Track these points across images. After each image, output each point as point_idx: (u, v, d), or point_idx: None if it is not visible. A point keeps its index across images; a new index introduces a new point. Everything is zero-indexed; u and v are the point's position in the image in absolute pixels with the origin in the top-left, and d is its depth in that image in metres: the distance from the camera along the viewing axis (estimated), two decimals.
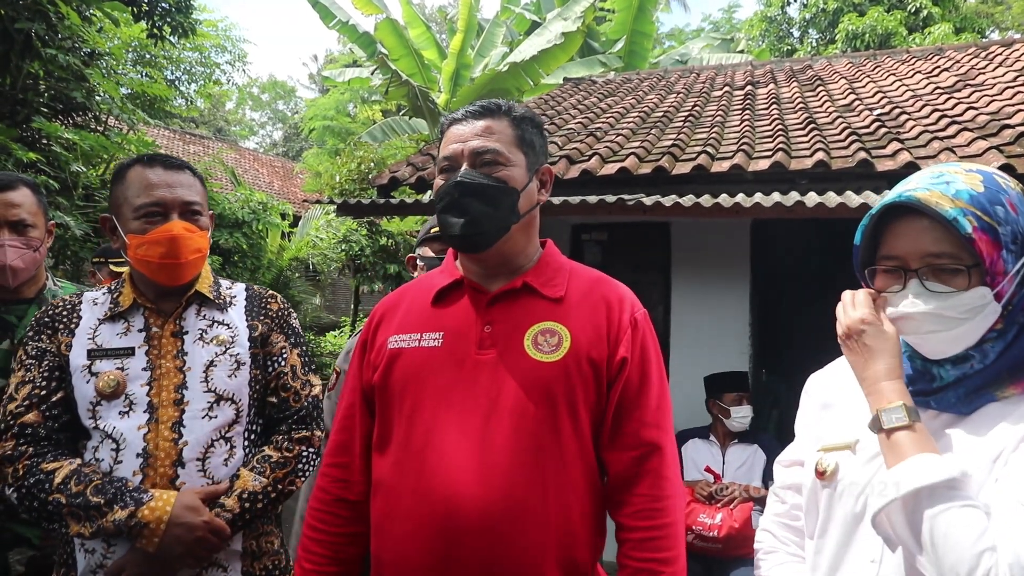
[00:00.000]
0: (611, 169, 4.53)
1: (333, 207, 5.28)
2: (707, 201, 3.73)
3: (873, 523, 0.97)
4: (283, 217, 9.00)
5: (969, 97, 5.18)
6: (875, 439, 1.03)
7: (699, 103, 6.40)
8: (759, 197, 3.75)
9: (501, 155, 1.30)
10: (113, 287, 1.67)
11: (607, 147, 4.95)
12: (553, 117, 6.39)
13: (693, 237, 4.54)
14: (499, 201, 1.28)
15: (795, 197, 3.68)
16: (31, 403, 1.49)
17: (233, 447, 1.56)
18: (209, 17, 9.90)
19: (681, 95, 6.98)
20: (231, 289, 1.73)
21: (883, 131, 4.56)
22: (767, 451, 3.42)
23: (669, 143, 4.89)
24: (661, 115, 5.99)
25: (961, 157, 3.95)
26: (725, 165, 4.33)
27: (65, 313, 1.60)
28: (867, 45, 13.60)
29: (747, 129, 5.10)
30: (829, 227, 3.82)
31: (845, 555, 1.07)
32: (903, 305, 1.04)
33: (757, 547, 1.32)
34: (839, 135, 4.67)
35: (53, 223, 2.15)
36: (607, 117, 6.11)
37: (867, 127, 4.76)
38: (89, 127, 6.41)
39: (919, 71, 6.55)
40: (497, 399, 1.23)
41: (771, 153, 4.41)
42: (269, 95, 33.63)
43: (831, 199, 3.57)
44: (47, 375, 1.52)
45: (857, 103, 5.52)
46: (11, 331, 1.98)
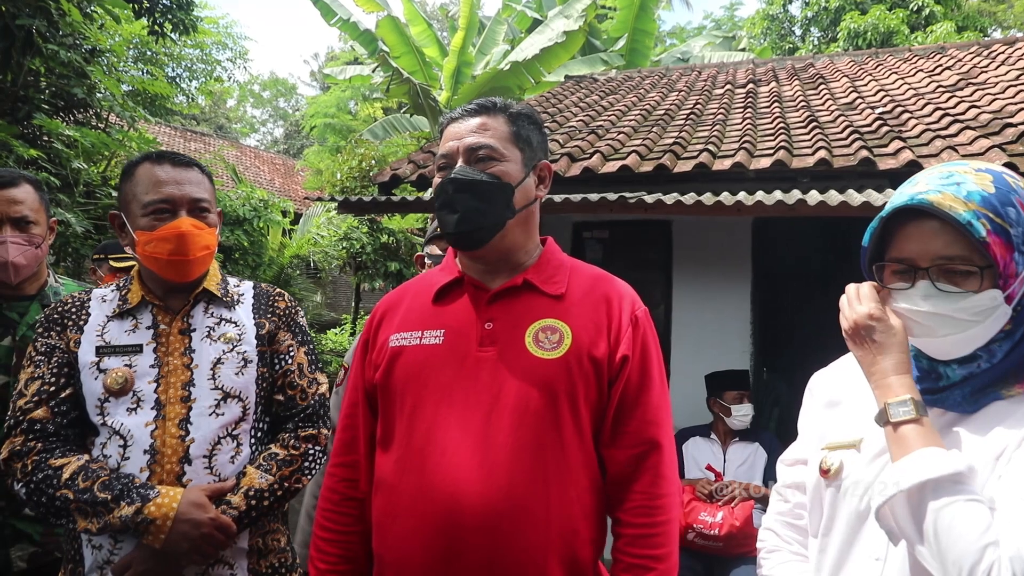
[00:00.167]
0: (613, 167, 4.53)
1: (334, 204, 5.28)
2: (709, 199, 3.72)
3: (877, 516, 0.97)
4: (284, 214, 9.00)
5: (972, 95, 5.17)
6: (880, 437, 1.03)
7: (701, 101, 6.39)
8: (761, 195, 3.74)
9: (495, 151, 1.30)
10: (122, 284, 1.67)
11: (608, 145, 4.94)
12: (555, 115, 6.39)
13: (694, 235, 4.53)
14: (493, 197, 1.28)
15: (797, 195, 3.68)
16: (40, 399, 1.50)
17: (240, 445, 1.56)
18: (210, 14, 9.89)
19: (683, 93, 6.97)
20: (239, 287, 1.73)
21: (885, 129, 4.55)
22: (768, 449, 3.42)
23: (671, 141, 4.89)
24: (663, 113, 5.98)
25: (963, 155, 3.94)
26: (727, 163, 4.32)
27: (74, 310, 1.61)
28: (869, 43, 13.58)
29: (749, 127, 5.10)
30: (831, 226, 3.82)
31: (849, 553, 1.07)
32: (912, 304, 1.03)
33: (760, 545, 1.31)
34: (841, 133, 4.66)
35: (55, 220, 2.15)
36: (608, 115, 6.10)
37: (869, 125, 4.75)
38: (90, 124, 6.41)
39: (921, 69, 6.54)
40: (498, 396, 1.24)
41: (773, 151, 4.40)
42: (270, 92, 33.62)
43: (833, 197, 3.56)
44: (56, 371, 1.53)
45: (859, 101, 5.51)
46: (12, 328, 1.98)
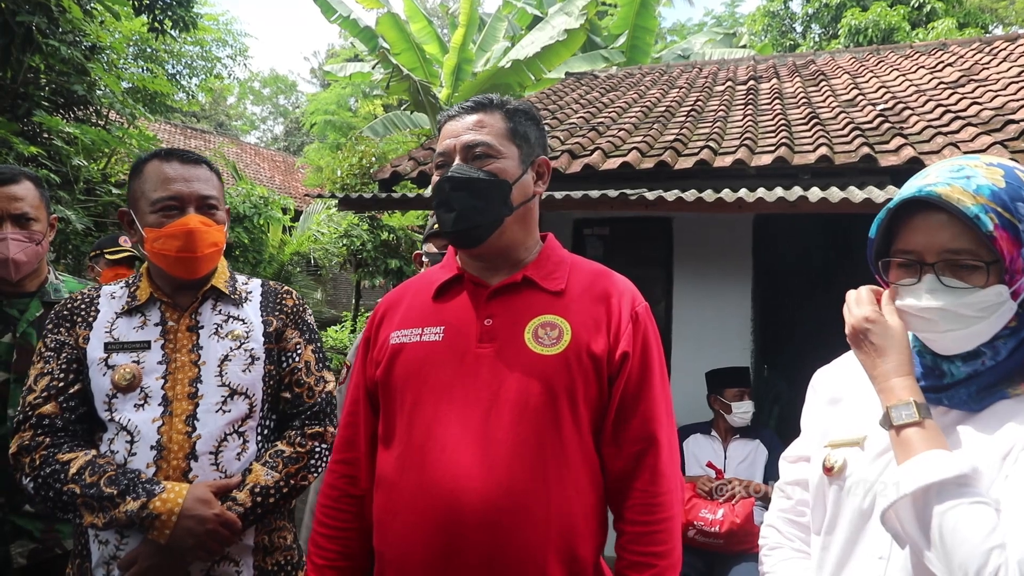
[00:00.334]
0: (613, 164, 4.52)
1: (334, 202, 5.28)
2: (710, 196, 3.72)
3: (882, 519, 0.96)
4: (284, 212, 9.00)
5: (973, 92, 5.16)
6: (884, 435, 1.02)
7: (701, 98, 6.38)
8: (762, 192, 3.73)
9: (492, 148, 1.30)
10: (131, 281, 1.68)
11: (609, 142, 4.93)
12: (555, 112, 6.38)
13: (695, 232, 4.53)
14: (490, 194, 1.28)
15: (798, 192, 3.67)
16: (49, 394, 1.52)
17: (246, 441, 1.57)
18: (210, 11, 9.85)
19: (683, 90, 6.96)
20: (247, 284, 1.74)
21: (886, 126, 4.54)
22: (768, 446, 3.42)
23: (671, 138, 4.88)
24: (663, 110, 5.97)
25: (965, 152, 3.94)
26: (728, 160, 4.32)
27: (83, 307, 1.62)
28: (870, 40, 13.56)
29: (750, 124, 5.09)
30: (831, 223, 3.82)
31: (853, 551, 1.07)
32: (917, 299, 1.02)
33: (762, 543, 1.31)
34: (842, 130, 4.66)
35: (55, 217, 2.15)
36: (609, 112, 6.09)
37: (870, 122, 4.74)
38: (90, 121, 6.41)
39: (922, 66, 6.52)
40: (498, 393, 1.23)
41: (774, 148, 4.40)
42: (270, 90, 33.60)
43: (834, 194, 3.56)
44: (65, 367, 1.54)
45: (860, 98, 5.50)
46: (13, 324, 1.98)
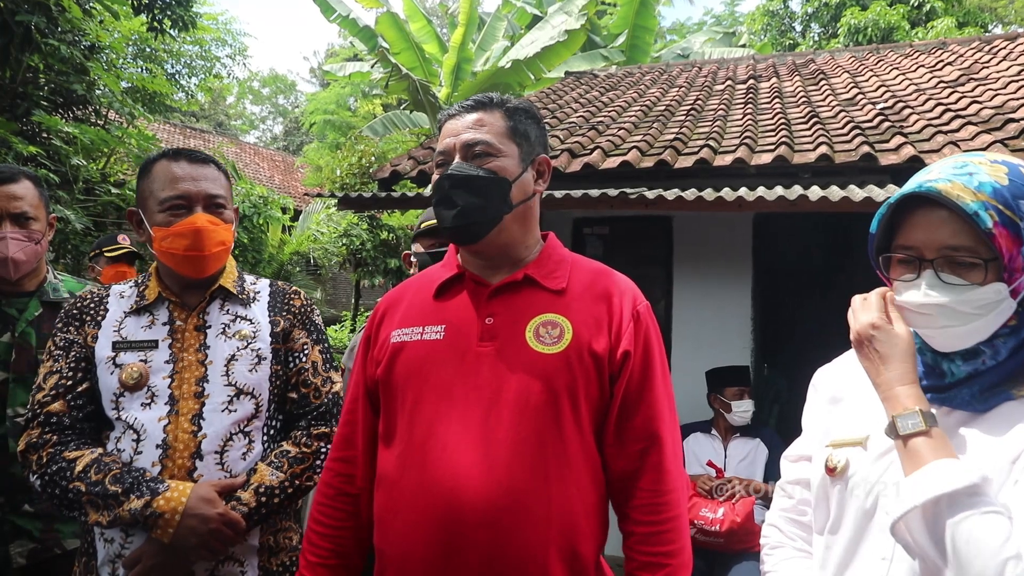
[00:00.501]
0: (613, 163, 4.52)
1: (334, 201, 5.28)
2: (710, 195, 3.71)
3: (892, 531, 0.95)
4: (284, 211, 9.01)
5: (973, 91, 5.15)
6: (885, 434, 1.02)
7: (701, 97, 6.37)
8: (762, 191, 3.73)
9: (492, 146, 1.31)
10: (140, 281, 1.68)
11: (609, 141, 4.93)
12: (555, 111, 6.37)
13: (695, 231, 4.53)
14: (489, 192, 1.28)
15: (798, 191, 3.67)
16: (57, 393, 1.52)
17: (252, 441, 1.57)
18: (209, 10, 9.84)
19: (683, 89, 6.95)
20: (255, 284, 1.74)
21: (886, 125, 4.54)
22: (769, 445, 3.42)
23: (671, 137, 4.88)
24: (663, 109, 5.97)
25: (965, 151, 3.94)
26: (727, 159, 4.31)
27: (92, 305, 1.63)
28: (869, 39, 13.56)
29: (750, 123, 5.08)
30: (831, 222, 3.81)
31: (856, 552, 1.06)
32: (916, 295, 1.01)
33: (763, 542, 1.30)
34: (842, 129, 4.65)
35: (54, 216, 2.15)
36: (609, 111, 6.09)
37: (870, 121, 4.74)
38: (89, 121, 6.41)
39: (922, 65, 6.52)
40: (499, 391, 1.23)
41: (774, 147, 4.39)
42: (270, 89, 33.57)
43: (834, 193, 3.55)
44: (73, 366, 1.55)
45: (860, 97, 5.50)
46: (12, 324, 1.98)
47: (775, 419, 4.46)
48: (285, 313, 1.70)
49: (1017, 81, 5.15)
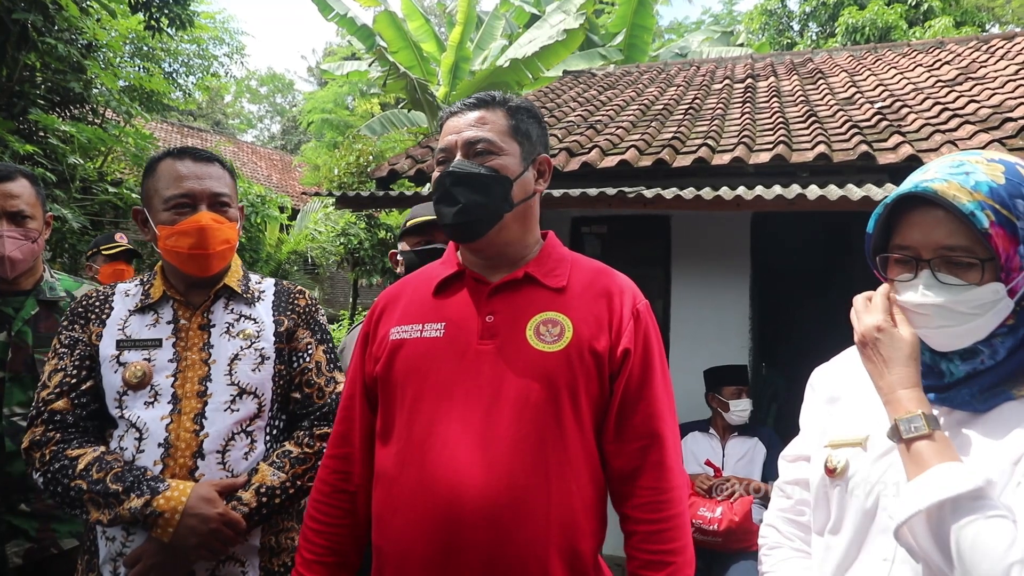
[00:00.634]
0: (611, 162, 4.52)
1: (332, 200, 5.27)
2: (708, 194, 3.71)
3: (895, 535, 0.94)
4: (281, 210, 9.00)
5: (970, 90, 5.16)
6: (885, 435, 1.02)
7: (699, 96, 6.37)
8: (760, 190, 3.73)
9: (493, 144, 1.31)
10: (145, 279, 1.68)
11: (607, 140, 4.93)
12: (553, 110, 6.37)
13: (693, 230, 4.53)
14: (490, 190, 1.29)
15: (796, 190, 3.67)
16: (61, 391, 1.53)
17: (254, 441, 1.56)
18: (207, 9, 9.81)
19: (681, 88, 6.95)
20: (260, 284, 1.74)
21: (884, 124, 4.54)
22: (767, 444, 3.42)
23: (669, 136, 4.88)
24: (661, 108, 5.97)
25: (963, 150, 3.93)
26: (726, 158, 4.31)
27: (98, 304, 1.63)
28: (867, 39, 13.57)
29: (748, 122, 5.09)
30: (829, 221, 3.81)
31: (857, 553, 1.06)
32: (913, 295, 1.01)
33: (761, 542, 1.30)
34: (840, 128, 4.65)
35: (51, 215, 2.15)
36: (607, 110, 6.08)
37: (868, 120, 4.74)
38: (86, 120, 6.39)
39: (920, 64, 6.52)
40: (499, 389, 1.23)
41: (772, 146, 4.39)
42: (267, 88, 33.52)
43: (833, 192, 3.55)
44: (78, 364, 1.55)
45: (858, 96, 5.50)
46: (8, 323, 1.98)
47: (773, 418, 4.46)
48: (289, 313, 1.69)
49: (1015, 80, 5.15)
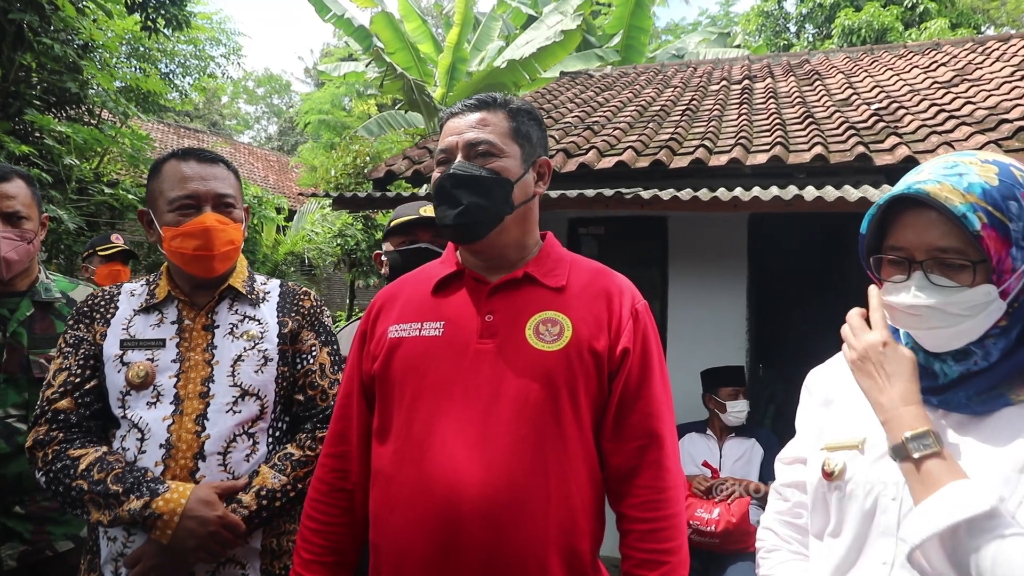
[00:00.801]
0: (608, 163, 4.52)
1: (328, 201, 5.26)
2: (705, 195, 3.72)
3: (908, 559, 0.92)
4: (278, 211, 8.98)
5: (967, 92, 5.17)
6: (882, 437, 1.01)
7: (696, 97, 6.38)
8: (757, 191, 3.74)
9: (495, 146, 1.31)
10: (151, 279, 1.68)
11: (604, 141, 4.93)
12: (550, 111, 6.37)
13: (690, 231, 4.53)
14: (492, 192, 1.28)
15: (793, 191, 3.67)
16: (65, 390, 1.53)
17: (256, 443, 1.56)
18: (203, 10, 9.79)
19: (678, 89, 6.96)
20: (265, 285, 1.73)
21: (881, 125, 4.55)
22: (764, 445, 3.42)
23: (667, 137, 4.88)
24: (658, 109, 5.97)
25: (959, 151, 3.94)
26: (723, 159, 4.32)
27: (103, 303, 1.63)
28: (863, 40, 13.61)
29: (745, 123, 5.09)
30: (826, 222, 3.82)
31: (856, 557, 1.05)
32: (905, 297, 1.01)
33: (759, 545, 1.30)
34: (837, 129, 4.66)
35: (46, 216, 2.14)
36: (604, 111, 6.09)
37: (865, 121, 4.75)
38: (82, 120, 6.38)
39: (916, 66, 6.54)
40: (498, 388, 1.23)
41: (769, 147, 4.40)
42: (264, 89, 33.47)
43: (830, 193, 3.56)
44: (82, 363, 1.55)
45: (855, 97, 5.51)
46: (3, 324, 1.97)
47: (770, 419, 4.47)
48: (294, 314, 1.69)
49: (1010, 82, 5.17)
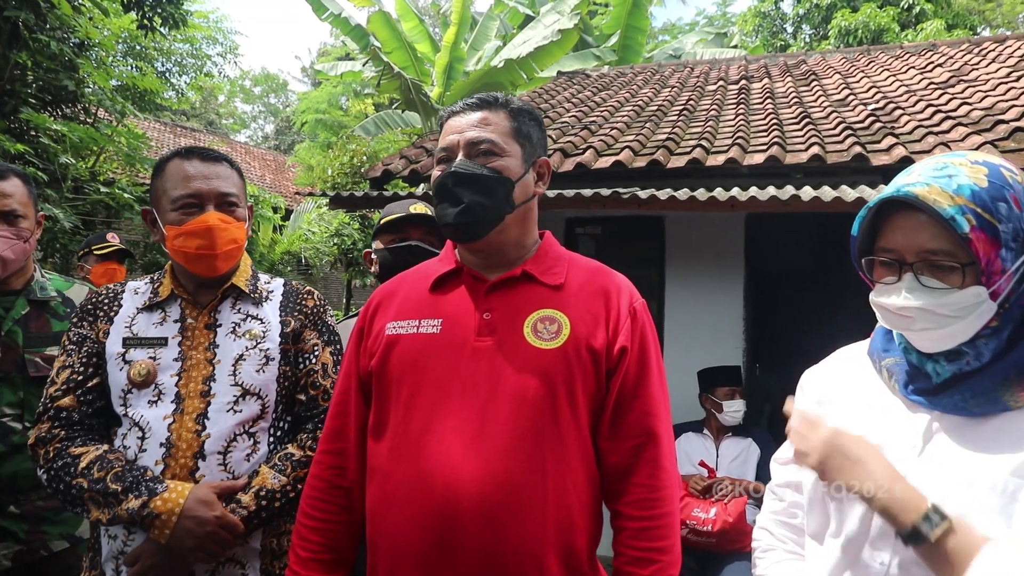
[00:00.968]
0: (606, 163, 4.52)
1: (325, 201, 5.26)
2: (702, 194, 3.72)
3: None
4: (275, 211, 8.96)
5: (963, 92, 5.19)
6: (878, 437, 1.01)
7: (694, 97, 6.39)
8: (754, 191, 3.74)
9: (496, 146, 1.31)
10: (155, 277, 1.68)
11: (602, 140, 4.93)
12: (547, 111, 6.37)
13: (687, 231, 4.53)
14: (493, 191, 1.29)
15: (791, 191, 3.68)
16: (68, 388, 1.53)
17: (257, 443, 1.55)
18: (200, 8, 9.76)
19: (675, 89, 6.96)
20: (269, 284, 1.73)
21: (878, 126, 4.56)
22: (761, 445, 3.43)
23: (664, 137, 4.88)
24: (656, 109, 5.97)
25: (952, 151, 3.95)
26: (720, 159, 4.32)
27: (107, 301, 1.62)
28: (860, 41, 13.64)
29: (742, 123, 5.10)
30: (823, 222, 3.82)
31: (854, 558, 1.05)
32: (896, 298, 1.01)
33: (755, 545, 1.30)
34: (834, 130, 4.67)
35: (42, 214, 2.13)
36: (601, 111, 6.09)
37: (862, 122, 4.76)
38: (78, 119, 6.35)
39: (913, 66, 6.55)
40: (496, 386, 1.23)
41: (766, 147, 4.40)
42: (261, 88, 33.41)
43: (827, 193, 3.56)
44: (85, 361, 1.55)
45: (851, 98, 5.52)
46: None
47: (766, 419, 4.47)
48: (297, 313, 1.68)
49: (1006, 83, 5.19)
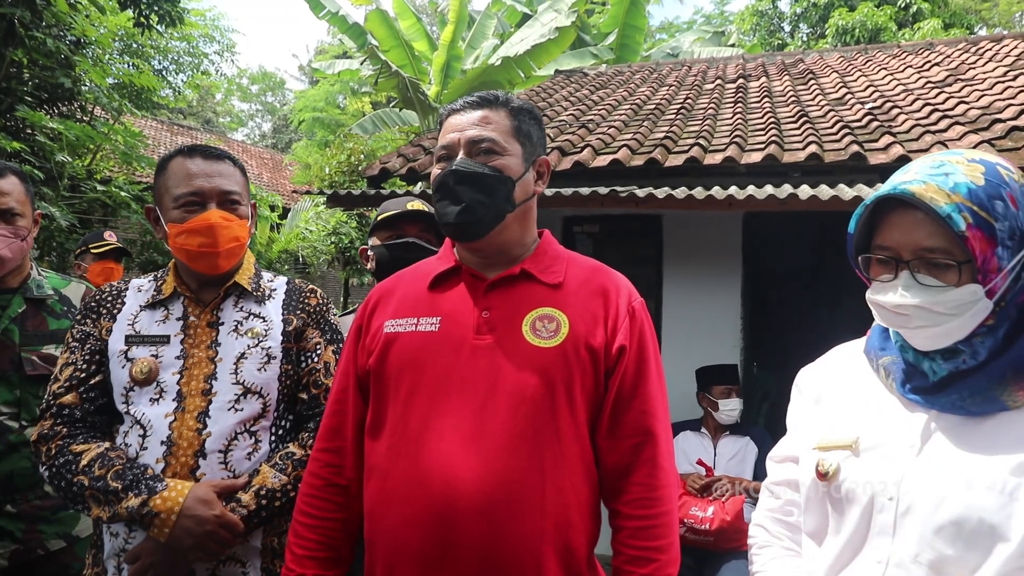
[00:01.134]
0: (603, 161, 4.52)
1: (323, 199, 5.25)
2: (700, 193, 3.72)
3: None
4: (272, 209, 8.95)
5: (960, 91, 5.20)
6: (876, 436, 1.01)
7: (691, 96, 6.39)
8: (752, 190, 3.74)
9: (497, 144, 1.30)
10: (159, 275, 1.67)
11: (599, 139, 4.93)
12: (545, 109, 6.37)
13: (685, 230, 4.53)
14: (494, 189, 1.28)
15: (788, 190, 3.68)
16: (71, 385, 1.53)
17: (258, 441, 1.55)
18: (196, 6, 9.75)
19: (673, 88, 6.97)
20: (272, 282, 1.73)
21: (875, 125, 4.57)
22: (758, 443, 3.43)
23: (661, 135, 4.89)
24: (653, 107, 5.97)
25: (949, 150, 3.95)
26: (718, 158, 4.32)
27: (110, 298, 1.62)
28: (857, 40, 13.66)
29: (739, 122, 5.10)
30: (820, 221, 3.82)
31: (850, 557, 1.05)
32: (893, 296, 1.01)
33: (751, 542, 1.30)
34: (831, 128, 4.67)
35: (39, 213, 2.12)
36: (599, 109, 6.09)
37: (859, 120, 4.76)
38: (75, 117, 6.33)
39: (910, 65, 6.56)
40: (495, 384, 1.23)
41: (764, 146, 4.41)
42: (258, 86, 33.35)
43: (824, 192, 3.56)
44: (88, 358, 1.55)
45: (849, 97, 5.53)
46: None
47: (764, 418, 4.47)
48: (299, 312, 1.68)
49: (1003, 82, 5.20)
